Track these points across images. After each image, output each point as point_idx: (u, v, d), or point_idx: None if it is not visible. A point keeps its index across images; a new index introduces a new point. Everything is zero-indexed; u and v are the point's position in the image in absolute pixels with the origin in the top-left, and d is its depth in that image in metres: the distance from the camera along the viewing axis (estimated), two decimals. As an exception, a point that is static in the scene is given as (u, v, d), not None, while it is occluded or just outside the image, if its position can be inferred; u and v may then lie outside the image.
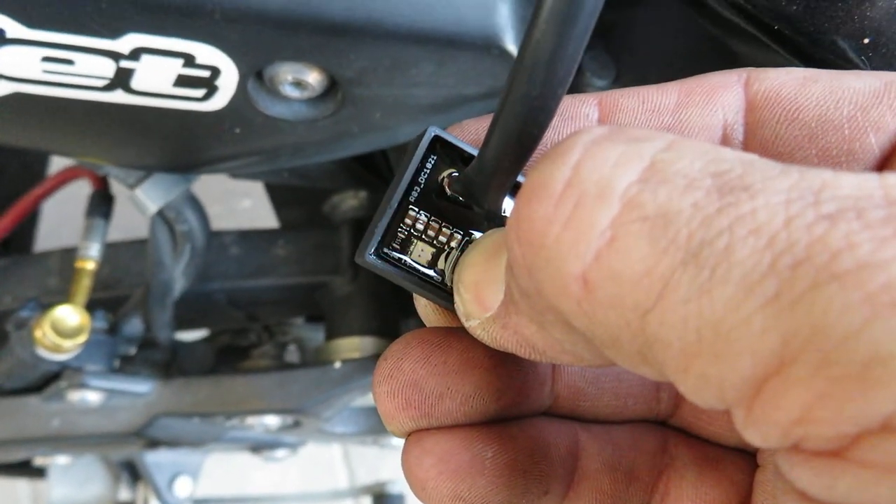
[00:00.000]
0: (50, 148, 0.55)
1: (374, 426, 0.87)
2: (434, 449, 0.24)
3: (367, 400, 0.82)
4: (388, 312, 0.80)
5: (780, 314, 0.14)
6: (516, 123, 0.19)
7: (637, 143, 0.17)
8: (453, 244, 0.25)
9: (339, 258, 0.82)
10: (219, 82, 0.41)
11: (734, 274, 0.15)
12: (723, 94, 0.25)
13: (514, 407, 0.26)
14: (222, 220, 1.76)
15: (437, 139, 0.25)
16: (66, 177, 0.72)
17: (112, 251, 0.80)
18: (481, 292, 0.22)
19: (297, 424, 0.75)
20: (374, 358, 0.75)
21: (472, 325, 0.22)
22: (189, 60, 0.40)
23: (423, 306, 0.27)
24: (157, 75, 0.40)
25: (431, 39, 0.40)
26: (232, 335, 0.93)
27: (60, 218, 1.11)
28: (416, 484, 0.24)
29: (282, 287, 0.81)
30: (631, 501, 0.27)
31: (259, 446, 0.92)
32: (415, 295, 0.26)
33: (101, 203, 0.70)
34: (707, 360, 0.15)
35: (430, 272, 0.25)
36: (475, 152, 0.24)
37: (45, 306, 0.66)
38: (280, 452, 0.95)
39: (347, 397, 0.74)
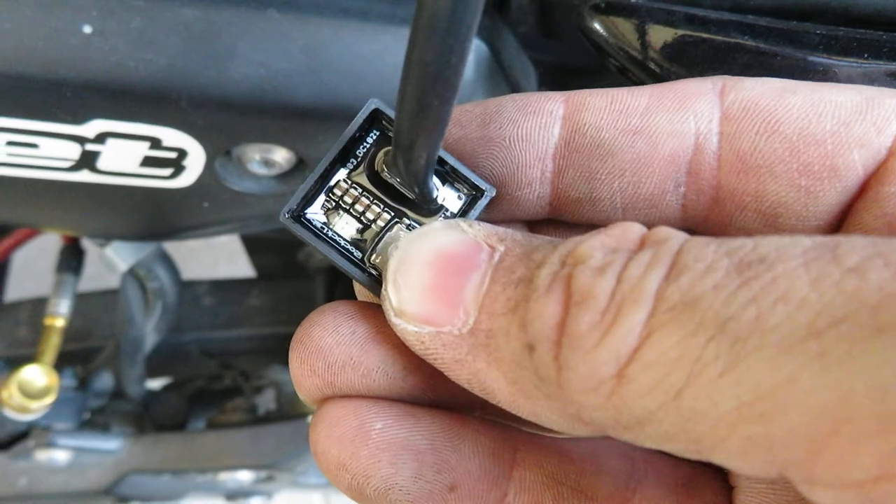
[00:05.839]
0: (15, 222, 0.55)
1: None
2: (327, 415, 0.23)
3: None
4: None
5: (829, 371, 0.14)
6: (415, 92, 0.18)
7: (662, 244, 0.18)
8: (381, 223, 0.24)
9: (314, 308, 0.81)
10: (186, 162, 0.41)
11: (769, 340, 0.15)
12: (696, 102, 0.24)
13: (432, 391, 0.24)
14: (201, 252, 1.74)
15: (377, 112, 0.23)
16: (35, 230, 0.71)
17: (84, 302, 0.79)
18: (429, 304, 0.21)
19: (270, 479, 0.74)
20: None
21: (397, 323, 0.21)
22: (155, 143, 0.40)
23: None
24: (123, 157, 0.40)
25: (398, 122, 0.40)
26: (206, 380, 0.92)
27: (28, 264, 1.10)
28: (312, 451, 0.24)
29: (255, 337, 0.80)
30: None
31: (233, 495, 0.91)
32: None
33: (71, 258, 0.69)
34: (751, 421, 0.15)
35: (351, 247, 0.24)
36: None
37: (13, 365, 0.65)
38: (255, 500, 0.94)
39: (321, 451, 0.74)
